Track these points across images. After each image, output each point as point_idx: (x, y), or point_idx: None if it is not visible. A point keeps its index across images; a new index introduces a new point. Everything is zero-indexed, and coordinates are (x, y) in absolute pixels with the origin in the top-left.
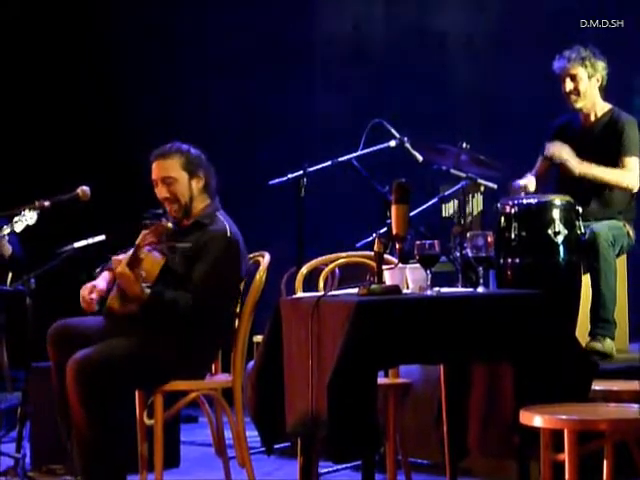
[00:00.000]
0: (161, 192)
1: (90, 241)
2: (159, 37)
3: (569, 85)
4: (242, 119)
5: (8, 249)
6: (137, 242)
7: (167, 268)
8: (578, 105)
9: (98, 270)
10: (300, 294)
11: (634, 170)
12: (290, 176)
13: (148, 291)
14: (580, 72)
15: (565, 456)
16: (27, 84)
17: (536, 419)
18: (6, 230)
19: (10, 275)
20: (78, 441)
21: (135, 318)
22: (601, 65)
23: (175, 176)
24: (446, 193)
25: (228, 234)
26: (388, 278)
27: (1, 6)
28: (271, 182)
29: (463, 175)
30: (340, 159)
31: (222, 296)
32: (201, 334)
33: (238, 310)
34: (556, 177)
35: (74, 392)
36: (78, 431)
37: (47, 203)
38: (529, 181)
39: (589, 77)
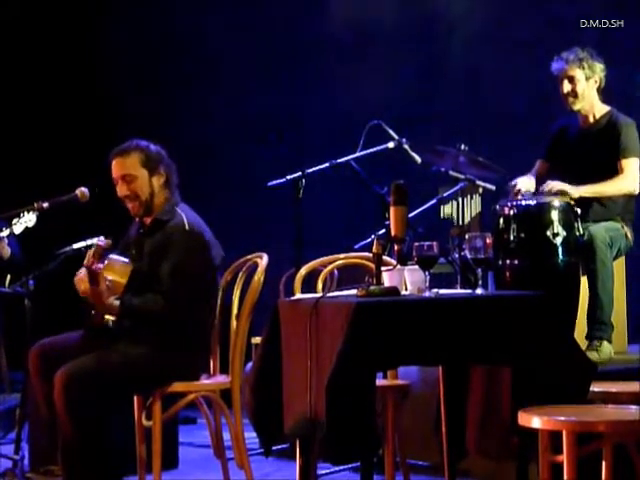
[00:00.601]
0: (121, 190)
1: (89, 242)
2: (159, 37)
3: (567, 87)
4: (242, 119)
5: (7, 251)
6: (84, 264)
7: (135, 272)
8: (576, 107)
9: None
10: (299, 295)
11: (632, 173)
12: (289, 177)
13: (117, 302)
14: (578, 74)
15: (564, 457)
16: (26, 84)
17: (534, 420)
18: (5, 232)
19: (9, 277)
20: (65, 451)
21: (114, 329)
22: (599, 67)
23: (135, 174)
24: (444, 195)
25: (186, 227)
26: (387, 279)
27: (1, 6)
28: (270, 183)
29: (461, 177)
30: (338, 160)
31: (195, 289)
32: (182, 332)
33: (236, 311)
34: (556, 179)
35: (62, 405)
36: (66, 442)
37: (46, 204)
38: (529, 181)
39: (587, 79)
